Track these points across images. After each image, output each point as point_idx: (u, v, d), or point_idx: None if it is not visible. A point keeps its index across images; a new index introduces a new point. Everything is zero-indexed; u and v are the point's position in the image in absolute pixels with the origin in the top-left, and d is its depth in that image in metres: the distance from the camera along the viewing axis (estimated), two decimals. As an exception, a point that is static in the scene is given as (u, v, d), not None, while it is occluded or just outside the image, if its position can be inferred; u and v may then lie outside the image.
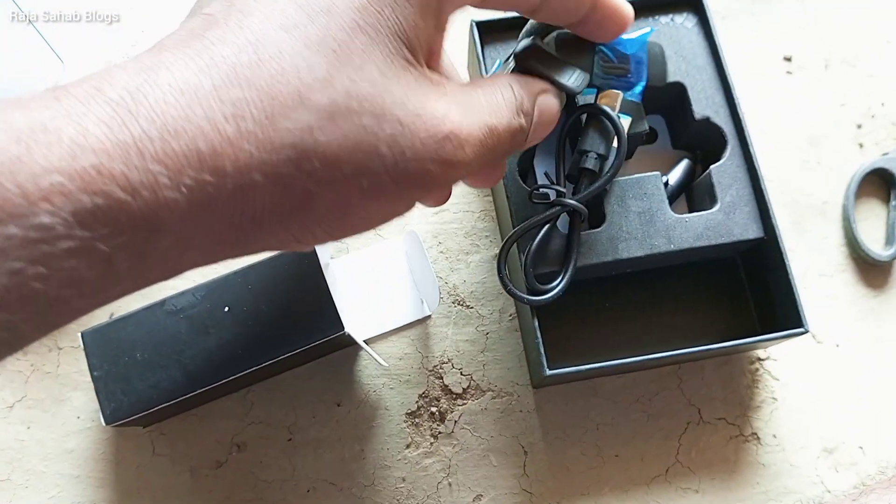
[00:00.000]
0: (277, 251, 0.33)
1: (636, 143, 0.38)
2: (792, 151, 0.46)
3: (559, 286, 0.35)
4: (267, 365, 0.36)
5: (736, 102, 0.39)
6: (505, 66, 0.30)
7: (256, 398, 0.41)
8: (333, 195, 0.21)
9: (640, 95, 0.34)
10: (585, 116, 0.34)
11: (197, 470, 0.40)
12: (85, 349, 0.36)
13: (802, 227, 0.45)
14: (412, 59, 0.22)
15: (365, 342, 0.40)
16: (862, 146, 0.46)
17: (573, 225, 0.36)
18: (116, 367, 0.36)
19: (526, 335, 0.41)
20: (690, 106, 0.40)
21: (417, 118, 0.22)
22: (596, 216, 0.38)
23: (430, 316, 0.43)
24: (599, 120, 0.33)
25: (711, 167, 0.39)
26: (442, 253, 0.44)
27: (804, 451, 0.41)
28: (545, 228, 0.35)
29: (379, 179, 0.21)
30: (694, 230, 0.38)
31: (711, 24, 0.40)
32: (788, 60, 0.48)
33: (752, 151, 0.38)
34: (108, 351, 0.36)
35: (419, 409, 0.41)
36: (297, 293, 0.37)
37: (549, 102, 0.27)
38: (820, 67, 0.48)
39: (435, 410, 0.41)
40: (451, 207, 0.45)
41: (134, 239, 0.18)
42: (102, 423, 0.36)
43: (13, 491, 0.40)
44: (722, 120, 0.39)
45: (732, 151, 0.39)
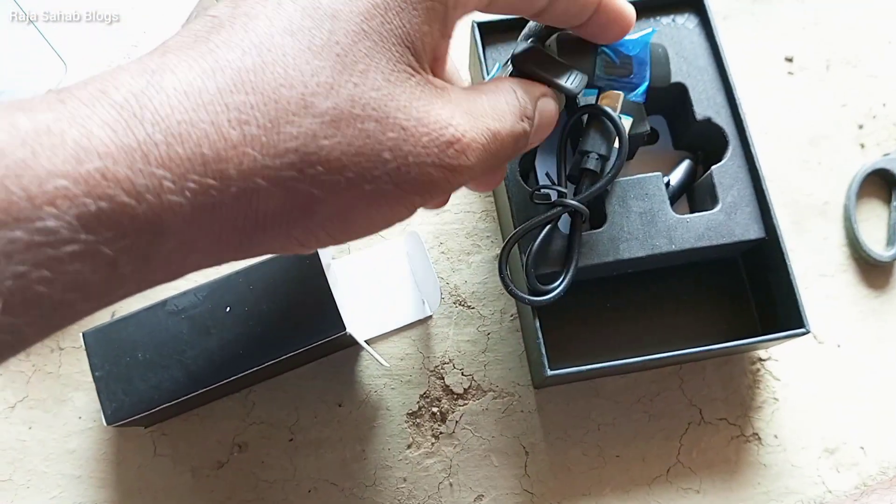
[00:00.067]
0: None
1: (637, 143, 0.38)
2: (793, 152, 0.46)
3: (560, 286, 0.35)
4: (268, 365, 0.36)
5: (737, 103, 0.39)
6: (504, 68, 0.30)
7: (258, 398, 0.41)
8: (336, 200, 0.21)
9: (642, 96, 0.34)
10: (587, 117, 0.34)
11: (198, 470, 0.40)
12: (86, 349, 0.36)
13: (803, 227, 0.45)
14: (417, 65, 0.22)
15: (366, 342, 0.40)
16: (863, 146, 0.46)
17: (574, 225, 0.36)
18: (118, 367, 0.36)
19: (527, 335, 0.41)
20: (692, 106, 0.40)
21: (420, 124, 0.22)
22: (597, 217, 0.38)
23: (431, 316, 0.43)
24: (601, 121, 0.33)
25: (713, 168, 0.39)
26: (443, 253, 0.44)
27: (805, 451, 0.41)
28: (546, 229, 0.35)
29: (382, 185, 0.21)
30: (695, 230, 0.38)
31: (713, 24, 0.40)
32: (789, 61, 0.48)
33: (753, 152, 0.38)
34: (109, 351, 0.36)
35: (420, 409, 0.41)
36: (298, 293, 0.37)
37: (548, 105, 0.27)
38: (821, 68, 0.48)
39: (436, 411, 0.41)
40: (452, 208, 0.45)
41: (138, 242, 0.18)
42: (104, 423, 0.36)
43: (15, 491, 0.40)
44: (723, 120, 0.39)
45: (734, 152, 0.39)
